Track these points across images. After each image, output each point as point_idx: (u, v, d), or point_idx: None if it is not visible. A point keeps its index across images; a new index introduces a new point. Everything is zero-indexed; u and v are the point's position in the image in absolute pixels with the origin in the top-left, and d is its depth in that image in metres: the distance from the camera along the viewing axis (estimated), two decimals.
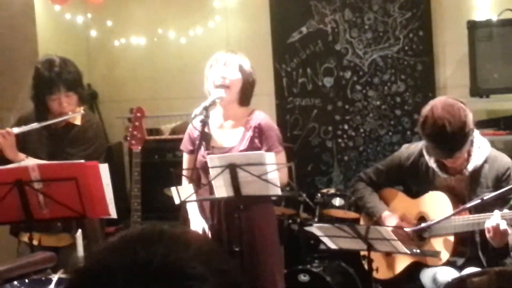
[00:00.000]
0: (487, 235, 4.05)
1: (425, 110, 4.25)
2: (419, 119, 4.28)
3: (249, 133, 4.48)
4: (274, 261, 4.57)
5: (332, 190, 5.98)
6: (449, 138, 4.13)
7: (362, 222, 4.80)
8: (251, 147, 4.43)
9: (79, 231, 3.73)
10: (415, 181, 4.52)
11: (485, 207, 4.08)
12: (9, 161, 4.60)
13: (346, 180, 6.69)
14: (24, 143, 4.71)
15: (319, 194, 5.83)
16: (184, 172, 4.52)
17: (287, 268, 5.66)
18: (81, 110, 4.79)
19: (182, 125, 6.61)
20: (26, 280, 3.54)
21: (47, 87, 4.66)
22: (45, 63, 4.73)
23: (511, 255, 4.15)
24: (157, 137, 6.75)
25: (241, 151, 4.40)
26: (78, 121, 4.81)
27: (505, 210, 4.05)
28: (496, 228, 4.00)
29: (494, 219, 4.01)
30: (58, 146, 4.75)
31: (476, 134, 4.32)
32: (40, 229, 4.59)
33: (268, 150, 4.40)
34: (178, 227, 1.26)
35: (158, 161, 6.54)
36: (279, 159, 4.41)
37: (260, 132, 4.48)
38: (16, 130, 4.62)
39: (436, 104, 4.22)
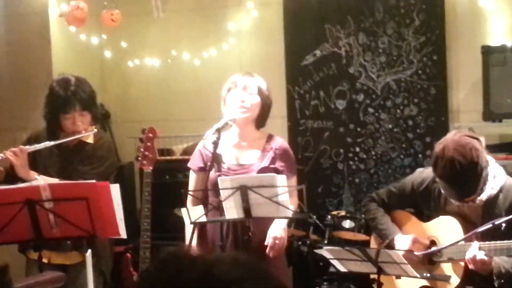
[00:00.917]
0: (469, 266, 4.06)
1: (437, 149, 4.16)
2: (431, 158, 4.25)
3: (270, 154, 4.51)
4: (284, 282, 4.54)
5: (342, 212, 5.97)
6: (461, 179, 4.08)
7: (372, 243, 4.77)
8: (271, 167, 4.44)
9: (89, 251, 3.72)
10: (427, 205, 4.49)
11: (497, 235, 4.04)
12: (20, 178, 4.62)
13: (356, 202, 6.68)
14: (34, 160, 4.73)
15: (329, 216, 5.82)
16: (192, 192, 4.52)
17: None
18: (93, 129, 4.81)
19: (194, 145, 6.58)
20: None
21: (62, 105, 4.68)
22: (60, 82, 4.75)
23: (495, 283, 4.12)
24: (169, 157, 6.76)
25: (262, 168, 4.42)
26: (90, 140, 4.82)
27: (482, 242, 4.05)
28: (473, 259, 4.01)
29: (472, 251, 4.01)
30: (68, 164, 4.76)
31: (492, 163, 4.24)
32: (50, 247, 4.58)
33: (287, 173, 4.43)
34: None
35: (169, 182, 6.54)
36: (293, 182, 4.44)
37: (281, 155, 4.51)
38: (28, 148, 4.63)
39: (448, 144, 4.13)
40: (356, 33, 6.72)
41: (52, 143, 4.69)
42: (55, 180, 4.56)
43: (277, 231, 4.43)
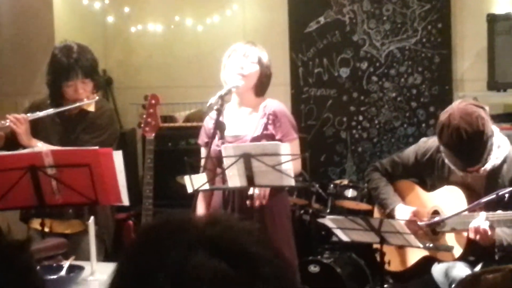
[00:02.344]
0: (471, 236, 4.04)
1: (443, 117, 4.15)
2: (437, 127, 4.22)
3: (263, 120, 4.47)
4: (286, 251, 4.55)
5: (345, 181, 5.95)
6: (467, 148, 4.06)
7: (376, 212, 4.77)
8: (265, 134, 4.42)
9: (92, 218, 3.72)
10: (430, 175, 4.47)
11: (500, 206, 4.03)
12: (20, 145, 4.61)
13: (359, 172, 6.67)
14: (36, 129, 4.71)
15: (331, 185, 5.80)
16: (202, 164, 4.50)
17: (297, 258, 5.66)
18: (95, 97, 4.79)
19: (197, 113, 6.61)
20: (37, 267, 3.53)
21: (64, 73, 4.65)
22: (63, 49, 4.72)
23: (496, 255, 4.11)
24: (171, 124, 6.74)
25: (254, 137, 4.40)
26: (91, 108, 4.80)
27: (490, 212, 4.03)
28: (477, 229, 4.00)
29: (477, 221, 4.00)
30: (70, 132, 4.75)
31: (496, 133, 4.22)
32: (52, 216, 4.58)
33: (283, 137, 4.41)
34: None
35: (172, 149, 6.53)
36: (294, 147, 4.40)
37: (274, 119, 4.47)
38: (30, 116, 4.62)
39: (453, 112, 4.12)
40: (360, 0, 6.67)
41: (54, 110, 4.67)
42: (57, 148, 4.55)
43: None
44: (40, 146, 4.53)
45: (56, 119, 4.77)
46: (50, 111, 4.67)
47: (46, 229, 4.48)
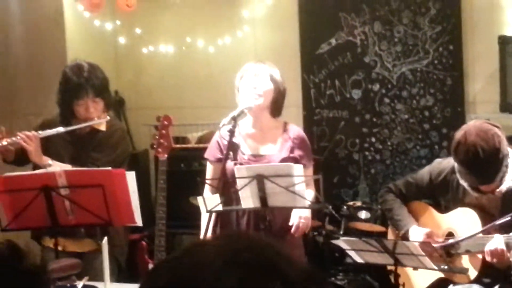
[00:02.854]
0: (487, 259, 4.02)
1: (458, 135, 4.15)
2: (452, 144, 4.21)
3: (289, 144, 4.49)
4: None
5: (358, 203, 5.94)
6: (483, 165, 4.06)
7: (390, 234, 4.75)
8: (291, 157, 4.43)
9: (105, 238, 3.71)
10: (445, 197, 4.46)
11: None
12: (29, 160, 4.62)
13: (372, 193, 6.65)
14: (47, 147, 4.72)
15: (345, 207, 5.79)
16: (209, 182, 4.49)
17: None
18: (106, 116, 4.80)
19: (209, 134, 6.59)
20: (52, 287, 3.52)
21: (75, 92, 4.67)
22: (73, 68, 4.74)
23: None
24: (184, 145, 6.74)
25: (282, 159, 4.40)
26: (103, 127, 4.81)
27: (506, 234, 4.01)
28: (494, 252, 3.97)
29: (494, 243, 3.97)
30: (81, 151, 4.76)
31: (511, 154, 4.23)
32: (64, 235, 4.58)
33: (306, 162, 4.44)
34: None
35: (184, 170, 6.53)
36: (310, 173, 4.43)
37: (299, 144, 4.50)
38: (42, 133, 4.63)
39: (470, 129, 4.13)
40: (371, 22, 6.68)
41: (65, 129, 4.68)
42: (68, 166, 4.56)
43: (302, 212, 4.40)
44: (51, 164, 4.54)
45: (67, 137, 4.78)
46: (61, 129, 4.68)
47: (59, 248, 4.47)
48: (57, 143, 4.79)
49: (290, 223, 4.36)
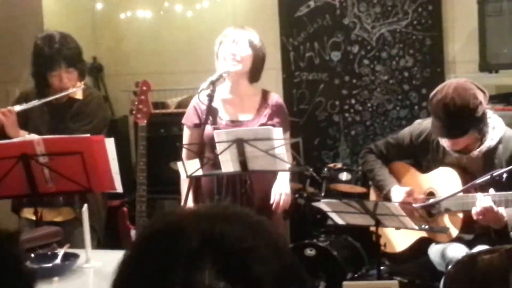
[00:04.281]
0: (477, 219, 4.02)
1: (440, 86, 4.21)
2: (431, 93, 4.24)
3: (267, 111, 4.48)
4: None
5: (339, 165, 5.94)
6: (450, 118, 4.08)
7: (372, 195, 4.77)
8: (269, 123, 4.41)
9: (85, 206, 3.69)
10: (425, 157, 4.47)
11: (498, 187, 4.02)
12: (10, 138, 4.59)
13: (352, 155, 6.66)
14: (26, 119, 4.70)
15: (325, 169, 5.79)
16: (188, 147, 4.48)
17: (293, 242, 5.65)
18: (81, 85, 4.77)
19: (188, 99, 6.55)
20: (32, 255, 3.52)
21: (48, 63, 4.64)
22: (44, 39, 4.70)
23: (511, 235, 4.10)
24: (163, 110, 6.72)
25: (260, 125, 4.39)
26: (79, 96, 4.78)
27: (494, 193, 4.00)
28: (486, 211, 3.96)
29: (485, 202, 3.96)
30: (59, 121, 4.73)
31: (491, 114, 4.23)
32: (42, 204, 4.56)
33: (283, 130, 4.41)
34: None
35: (164, 135, 6.51)
36: (287, 137, 4.44)
37: (277, 111, 4.49)
38: (17, 108, 4.60)
39: (451, 83, 4.18)
40: None
41: (40, 101, 4.65)
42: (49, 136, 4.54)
43: (282, 187, 4.41)
44: (29, 137, 4.52)
45: (44, 108, 4.75)
46: (36, 102, 4.65)
47: (33, 218, 4.44)
48: (35, 115, 4.76)
49: (271, 201, 4.37)
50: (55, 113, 4.76)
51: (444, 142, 4.27)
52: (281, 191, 4.40)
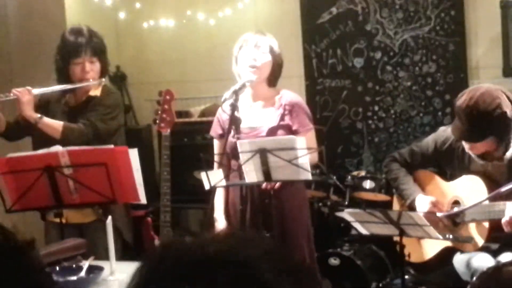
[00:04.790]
0: (505, 229, 4.00)
1: (470, 87, 4.21)
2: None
3: (279, 111, 4.45)
4: (305, 245, 4.53)
5: (362, 173, 5.93)
6: (471, 120, 4.06)
7: (395, 203, 4.74)
8: (281, 124, 4.40)
9: (109, 217, 3.70)
10: (450, 164, 4.44)
11: None
12: (30, 131, 4.70)
13: (376, 162, 6.64)
14: (46, 113, 4.73)
15: (349, 177, 5.78)
16: (215, 158, 4.48)
17: (317, 251, 5.63)
18: (102, 79, 4.81)
19: (212, 107, 6.59)
20: (57, 268, 3.53)
21: (73, 50, 4.71)
22: (73, 30, 4.84)
23: None
24: (187, 119, 6.73)
25: (270, 128, 4.38)
26: (97, 93, 4.81)
27: None
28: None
29: (510, 211, 3.95)
30: (77, 118, 4.75)
31: None
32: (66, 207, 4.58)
33: (299, 127, 4.40)
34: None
35: (188, 144, 6.52)
36: (310, 137, 4.41)
37: (290, 110, 4.45)
38: (35, 91, 4.64)
39: (481, 87, 4.16)
40: None
41: (59, 87, 4.70)
42: (60, 123, 4.61)
43: None
44: (41, 117, 4.58)
45: (65, 108, 4.79)
46: (56, 87, 4.71)
47: (63, 220, 4.47)
48: (55, 113, 4.80)
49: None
50: (74, 112, 4.80)
51: (464, 144, 4.25)
52: None
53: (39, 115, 4.62)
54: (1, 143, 5.07)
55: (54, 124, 4.63)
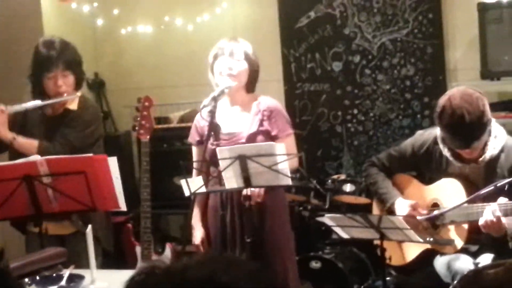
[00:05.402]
0: (482, 229, 4.02)
1: (443, 100, 4.15)
2: (436, 109, 4.19)
3: (258, 117, 4.44)
4: (286, 249, 4.54)
5: (342, 176, 5.95)
6: (467, 128, 4.06)
7: (374, 208, 4.76)
8: (261, 130, 4.40)
9: (89, 226, 3.68)
10: (428, 168, 4.46)
11: (499, 197, 4.02)
12: (6, 147, 4.64)
13: (356, 165, 6.65)
14: (24, 129, 4.71)
15: (329, 181, 5.79)
16: (194, 165, 4.48)
17: (298, 255, 5.62)
18: (77, 93, 4.76)
19: (191, 113, 6.58)
20: (38, 277, 3.51)
21: (45, 64, 4.66)
22: (45, 42, 4.74)
23: (510, 244, 4.09)
24: (166, 125, 6.73)
25: (250, 134, 4.38)
26: (74, 106, 4.78)
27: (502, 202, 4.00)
28: (491, 222, 3.97)
29: (490, 213, 3.97)
30: (54, 132, 4.73)
31: (493, 123, 4.23)
32: (46, 219, 4.55)
33: (278, 132, 4.39)
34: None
35: (167, 150, 6.51)
36: (290, 142, 4.41)
37: (269, 115, 4.44)
38: (8, 108, 4.61)
39: (454, 94, 4.14)
40: None
41: (32, 104, 4.65)
42: (34, 142, 4.57)
43: None
44: (15, 138, 4.56)
45: (42, 119, 4.76)
46: (29, 104, 4.66)
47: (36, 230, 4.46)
48: (33, 125, 4.78)
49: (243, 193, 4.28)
50: (51, 125, 4.76)
51: (463, 153, 4.25)
52: None
53: (13, 136, 4.58)
54: None
55: (29, 144, 4.57)
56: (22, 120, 4.74)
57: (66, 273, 3.56)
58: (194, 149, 4.61)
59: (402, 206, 4.41)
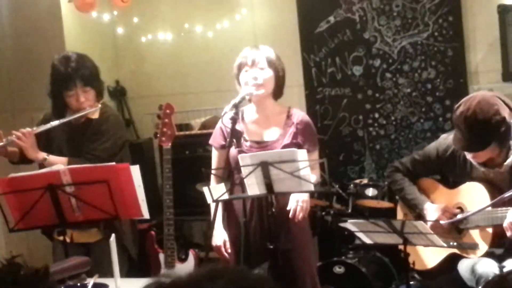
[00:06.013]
0: (507, 233, 4.00)
1: (466, 97, 4.20)
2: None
3: (292, 129, 4.44)
4: (308, 252, 4.55)
5: (365, 180, 5.93)
6: (470, 130, 4.05)
7: (399, 212, 4.75)
8: (294, 142, 4.39)
9: (113, 235, 3.70)
10: (452, 172, 4.45)
11: None
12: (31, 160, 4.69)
13: (378, 169, 6.64)
14: (49, 141, 4.76)
15: (351, 185, 5.78)
16: (214, 172, 4.48)
17: (321, 260, 5.64)
18: (98, 105, 4.79)
19: (212, 119, 6.59)
20: (62, 287, 3.53)
21: (64, 82, 4.69)
22: (61, 59, 4.75)
23: None
24: (187, 132, 6.74)
25: (284, 145, 4.37)
26: (96, 115, 4.81)
27: None
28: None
29: (511, 217, 3.96)
30: (78, 142, 4.78)
31: None
32: (71, 227, 4.58)
33: (310, 147, 4.39)
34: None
35: (189, 156, 6.52)
36: (316, 156, 4.46)
37: (302, 130, 4.45)
38: (36, 129, 4.65)
39: (476, 96, 4.15)
40: None
41: (58, 122, 4.69)
42: (64, 160, 4.60)
43: (300, 195, 4.37)
44: (47, 158, 4.58)
45: (65, 129, 4.80)
46: (55, 123, 4.69)
47: (67, 239, 4.49)
48: (56, 136, 4.82)
49: (288, 208, 4.35)
50: (74, 134, 4.80)
51: (467, 154, 4.25)
52: (298, 197, 4.36)
53: (44, 156, 4.63)
54: (2, 163, 5.09)
55: (59, 161, 4.59)
56: (46, 132, 4.77)
57: (90, 282, 3.58)
58: (215, 153, 4.60)
59: (432, 210, 4.40)
